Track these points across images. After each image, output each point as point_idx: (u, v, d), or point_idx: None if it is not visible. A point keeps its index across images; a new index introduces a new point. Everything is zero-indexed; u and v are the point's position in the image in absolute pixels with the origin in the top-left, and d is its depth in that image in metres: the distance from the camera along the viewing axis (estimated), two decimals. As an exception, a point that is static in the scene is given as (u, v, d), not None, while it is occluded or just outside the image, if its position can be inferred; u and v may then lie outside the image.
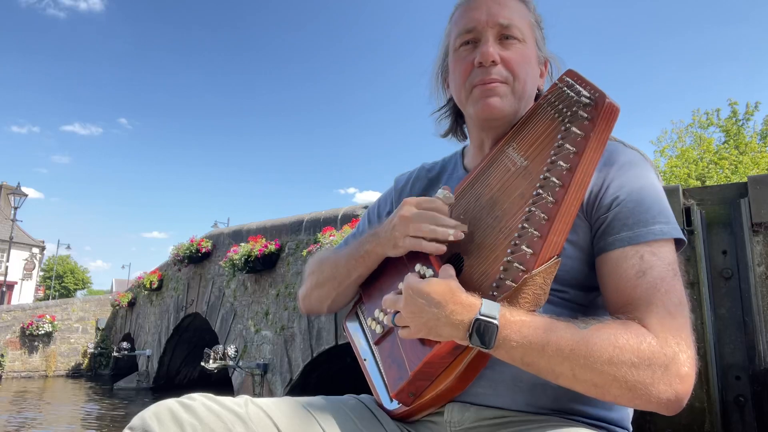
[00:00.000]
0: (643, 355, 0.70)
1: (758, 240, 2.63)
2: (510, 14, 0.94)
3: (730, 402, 2.58)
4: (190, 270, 9.89)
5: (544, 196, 0.79)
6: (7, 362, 13.73)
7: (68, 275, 46.43)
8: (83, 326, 15.06)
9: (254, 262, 6.96)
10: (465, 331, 0.72)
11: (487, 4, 0.94)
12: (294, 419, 0.85)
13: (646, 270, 0.77)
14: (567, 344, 0.71)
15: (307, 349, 6.04)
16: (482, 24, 0.93)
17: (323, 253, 1.15)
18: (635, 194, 0.83)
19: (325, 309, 1.12)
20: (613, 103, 0.80)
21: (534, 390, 0.84)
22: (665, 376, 0.70)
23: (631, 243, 0.80)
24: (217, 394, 0.84)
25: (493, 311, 0.72)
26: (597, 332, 0.72)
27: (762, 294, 2.58)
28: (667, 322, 0.73)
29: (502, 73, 0.93)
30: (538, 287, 0.76)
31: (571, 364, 0.70)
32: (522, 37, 0.94)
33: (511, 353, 0.73)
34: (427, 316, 0.75)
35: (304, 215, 6.74)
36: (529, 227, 0.79)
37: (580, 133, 0.80)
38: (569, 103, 0.85)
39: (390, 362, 0.88)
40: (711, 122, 16.33)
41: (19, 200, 20.32)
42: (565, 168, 0.79)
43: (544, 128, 0.88)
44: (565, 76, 0.91)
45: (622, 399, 0.71)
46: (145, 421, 0.76)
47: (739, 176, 13.23)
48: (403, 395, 0.84)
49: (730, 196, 2.75)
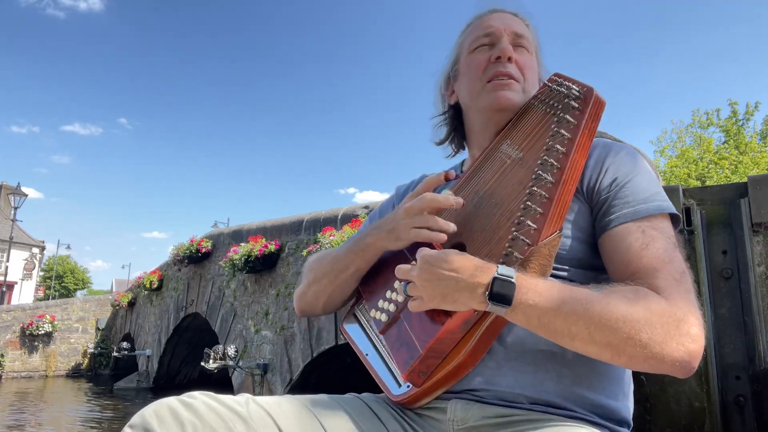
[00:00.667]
0: (656, 312, 0.72)
1: (758, 240, 2.63)
2: (521, 28, 1.05)
3: (730, 402, 2.58)
4: (190, 270, 9.89)
5: (544, 176, 0.85)
6: (7, 362, 13.73)
7: (68, 275, 46.43)
8: (83, 326, 15.05)
9: (254, 262, 6.96)
10: (483, 292, 0.74)
11: (503, 17, 1.05)
12: (295, 418, 0.85)
13: (649, 243, 0.82)
14: (582, 303, 0.73)
15: (307, 349, 6.04)
16: (500, 30, 1.03)
17: (321, 252, 1.15)
18: (632, 175, 0.89)
19: (320, 307, 1.10)
20: (599, 95, 0.91)
21: (537, 373, 0.84)
22: (677, 333, 0.72)
23: (633, 219, 0.84)
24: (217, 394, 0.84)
25: (510, 272, 0.75)
26: (611, 293, 0.75)
27: (762, 294, 2.58)
28: (674, 286, 0.77)
29: (515, 72, 1.01)
30: (544, 258, 0.80)
31: (587, 323, 0.72)
32: (530, 48, 1.05)
33: (528, 313, 0.74)
34: (444, 281, 0.76)
35: (304, 215, 6.75)
36: (532, 204, 0.84)
37: (572, 120, 0.90)
38: (560, 97, 0.95)
39: (398, 346, 0.88)
40: (711, 122, 16.35)
41: (19, 200, 20.33)
42: (561, 152, 0.87)
43: (537, 122, 0.95)
44: (553, 77, 1.01)
45: (636, 359, 0.72)
46: (146, 419, 0.76)
47: (739, 176, 13.24)
48: (414, 375, 0.84)
49: (730, 196, 2.75)
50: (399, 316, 0.90)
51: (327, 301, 1.08)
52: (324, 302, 1.09)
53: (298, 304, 1.14)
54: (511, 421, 0.84)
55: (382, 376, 0.94)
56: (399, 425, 0.91)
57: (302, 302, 1.13)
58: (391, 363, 0.93)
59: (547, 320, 0.74)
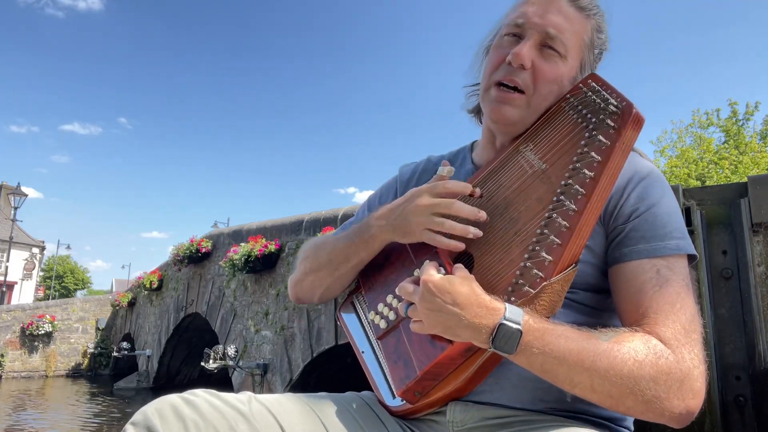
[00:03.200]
0: (662, 370, 0.71)
1: (758, 240, 2.64)
2: (563, 26, 0.89)
3: (730, 402, 2.58)
4: (190, 270, 9.89)
5: (566, 203, 0.78)
6: (7, 362, 13.71)
7: (68, 275, 46.44)
8: (83, 326, 15.04)
9: (254, 262, 6.96)
10: (488, 335, 0.71)
11: (546, 5, 0.90)
12: (297, 416, 0.85)
13: (662, 284, 0.78)
14: (588, 355, 0.71)
15: (307, 349, 6.04)
16: (531, 23, 0.89)
17: (319, 238, 1.10)
18: (654, 208, 0.84)
19: (316, 297, 1.07)
20: (639, 114, 0.79)
21: (539, 387, 0.83)
22: (680, 391, 0.71)
23: (648, 256, 0.80)
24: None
25: (517, 316, 0.71)
26: (618, 345, 0.72)
27: (762, 294, 2.58)
28: (682, 337, 0.75)
29: (526, 81, 0.89)
30: (555, 294, 0.76)
31: (591, 375, 0.71)
32: (565, 53, 0.90)
33: (531, 360, 0.72)
34: (447, 315, 0.73)
35: (304, 215, 6.75)
36: (549, 233, 0.77)
37: (605, 141, 0.79)
38: (594, 109, 0.83)
39: (395, 359, 0.86)
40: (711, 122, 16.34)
41: (19, 200, 20.32)
42: (589, 176, 0.78)
43: (567, 132, 0.86)
44: (590, 80, 0.88)
45: (635, 411, 0.72)
46: (147, 417, 0.75)
47: (739, 176, 13.23)
48: (409, 394, 0.82)
49: (730, 196, 2.75)
50: (398, 326, 0.87)
51: (324, 292, 1.05)
52: (321, 293, 1.06)
53: (293, 290, 1.10)
54: (511, 422, 0.84)
55: (377, 379, 0.92)
56: (398, 425, 0.90)
57: (298, 289, 1.09)
58: (386, 371, 0.89)
59: (550, 367, 0.72)
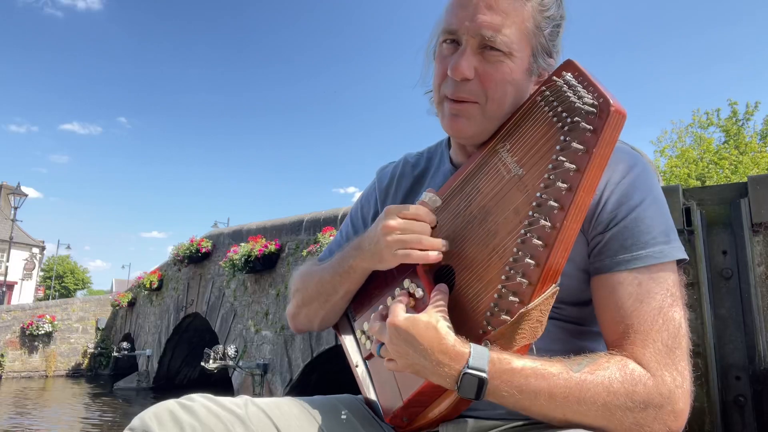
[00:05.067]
0: (638, 398, 0.69)
1: (758, 240, 2.63)
2: (498, 22, 0.81)
3: (730, 402, 2.58)
4: (190, 270, 9.90)
5: (541, 220, 0.72)
6: (7, 362, 13.74)
7: (68, 275, 46.45)
8: (83, 326, 15.06)
9: (254, 262, 6.97)
10: (453, 383, 0.70)
11: (475, 4, 0.82)
12: (294, 420, 0.85)
13: (643, 298, 0.74)
14: (560, 391, 0.69)
15: (307, 349, 6.04)
16: (464, 29, 0.82)
17: (306, 267, 1.08)
18: (635, 212, 0.78)
19: (315, 327, 1.06)
20: (619, 109, 0.71)
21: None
22: (660, 415, 0.69)
23: (629, 267, 0.76)
24: (217, 395, 0.84)
25: (482, 362, 0.69)
26: (590, 376, 0.70)
27: (762, 294, 2.58)
28: (663, 357, 0.72)
29: (474, 91, 0.83)
30: (534, 320, 0.71)
31: (564, 411, 0.70)
32: (509, 49, 0.82)
33: (502, 401, 0.71)
34: (412, 360, 0.73)
35: (304, 215, 6.75)
36: (525, 254, 0.72)
37: (581, 147, 0.72)
38: (569, 106, 0.76)
39: (383, 383, 0.85)
40: (711, 122, 16.37)
41: (19, 200, 20.35)
42: (564, 188, 0.71)
43: (542, 134, 0.79)
44: (564, 70, 0.81)
45: None
46: (145, 422, 0.76)
47: (739, 176, 13.25)
48: (397, 420, 0.82)
49: (730, 196, 2.75)
50: None
51: (321, 322, 1.04)
52: (319, 323, 1.04)
53: (292, 323, 1.10)
54: (508, 428, 0.83)
55: (369, 396, 0.91)
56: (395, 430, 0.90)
57: (296, 323, 1.09)
58: (376, 390, 0.88)
59: (521, 406, 0.71)
